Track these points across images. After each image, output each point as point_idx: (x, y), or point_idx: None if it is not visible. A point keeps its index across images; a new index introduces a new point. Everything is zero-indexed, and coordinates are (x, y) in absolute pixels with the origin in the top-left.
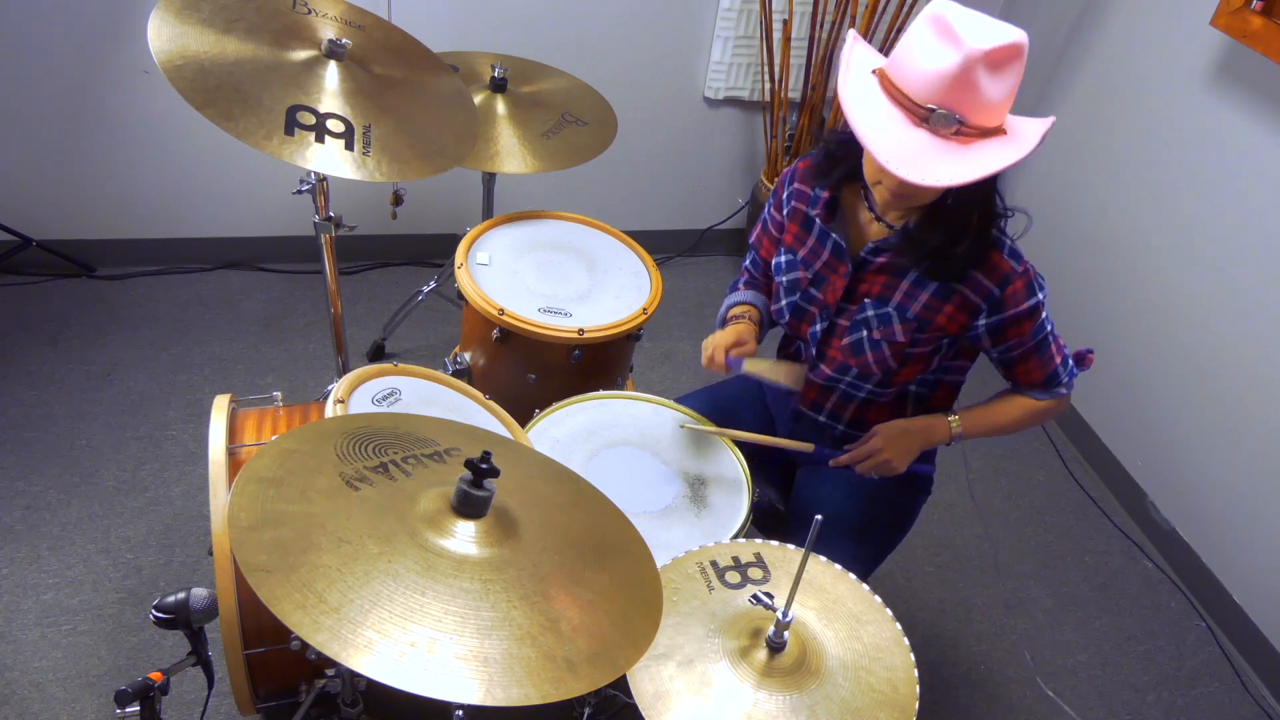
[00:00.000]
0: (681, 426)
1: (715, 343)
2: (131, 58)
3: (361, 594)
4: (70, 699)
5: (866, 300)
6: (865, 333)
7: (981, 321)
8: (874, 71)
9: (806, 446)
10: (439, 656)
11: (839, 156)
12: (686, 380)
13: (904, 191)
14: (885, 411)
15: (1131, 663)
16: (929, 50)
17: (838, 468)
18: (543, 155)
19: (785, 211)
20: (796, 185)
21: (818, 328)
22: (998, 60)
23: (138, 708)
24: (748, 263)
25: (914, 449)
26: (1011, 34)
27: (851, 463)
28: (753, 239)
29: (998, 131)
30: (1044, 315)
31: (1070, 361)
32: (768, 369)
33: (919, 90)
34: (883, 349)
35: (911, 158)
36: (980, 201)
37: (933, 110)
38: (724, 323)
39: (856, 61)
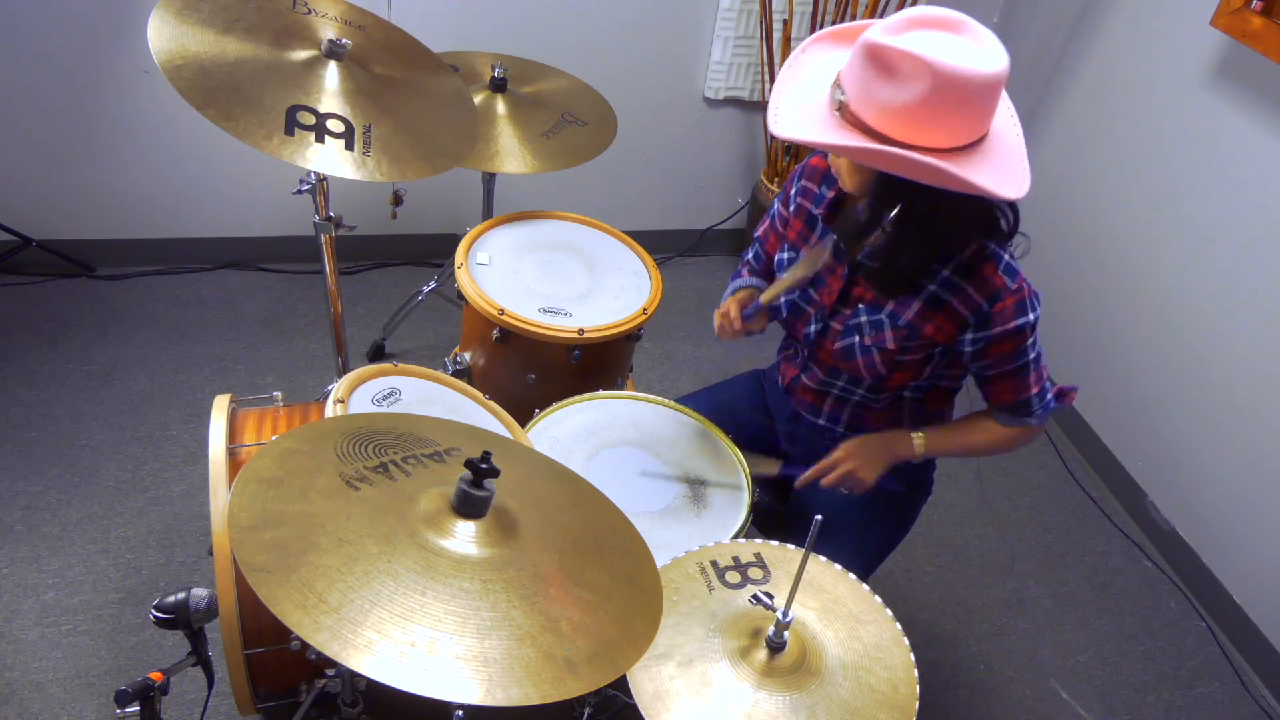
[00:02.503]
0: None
1: (724, 307)
2: (131, 58)
3: (361, 594)
4: (70, 699)
5: (861, 305)
6: (858, 338)
7: (969, 335)
8: None
9: (770, 470)
10: (439, 656)
11: None
12: (686, 380)
13: (833, 166)
14: (883, 416)
15: (1131, 663)
16: None
17: (801, 486)
18: (543, 155)
19: (792, 208)
20: (804, 182)
21: (812, 329)
22: (884, 60)
23: (138, 708)
24: (750, 255)
25: (878, 460)
26: (931, 49)
27: (816, 477)
28: (759, 233)
29: (889, 142)
30: (1031, 339)
31: (1049, 395)
32: (784, 281)
33: (845, 66)
34: (873, 355)
35: (791, 107)
36: (907, 211)
37: (837, 83)
38: None
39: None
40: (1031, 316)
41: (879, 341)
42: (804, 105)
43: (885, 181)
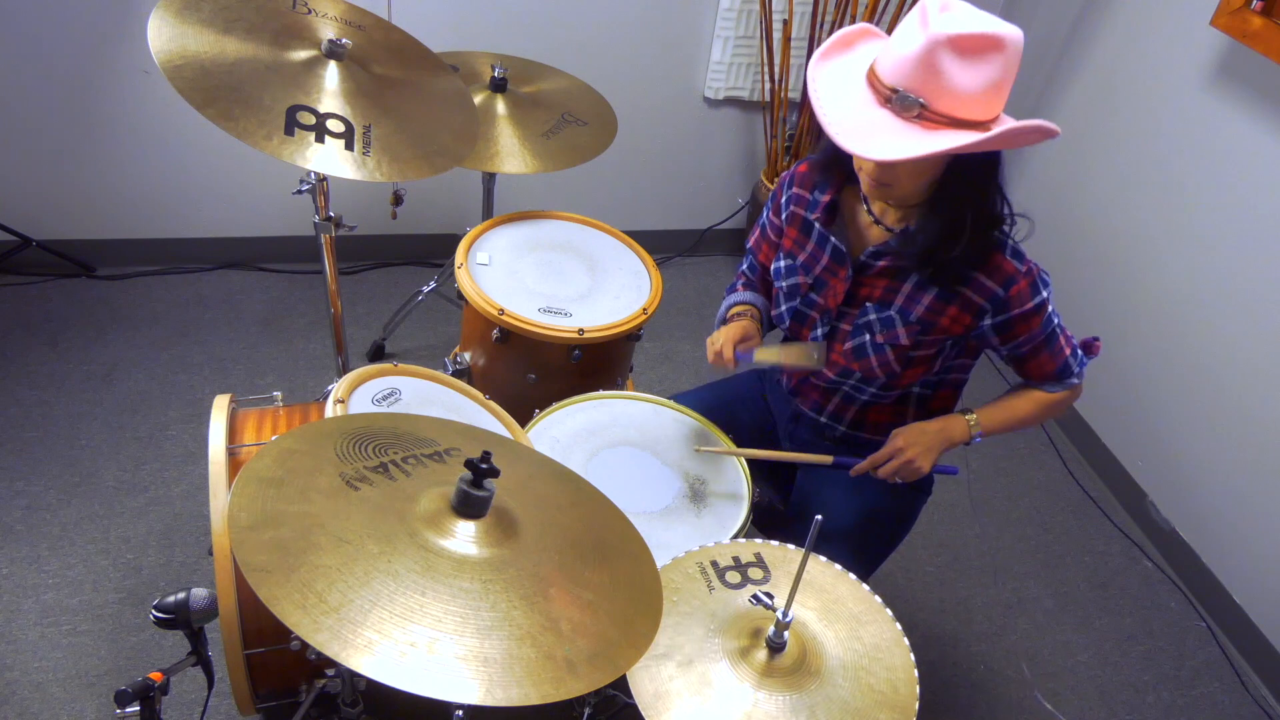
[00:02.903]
0: (697, 450)
1: (722, 338)
2: (131, 58)
3: (361, 594)
4: (70, 699)
5: (868, 304)
6: (868, 336)
7: (987, 322)
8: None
9: (825, 459)
10: (439, 656)
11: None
12: (686, 380)
13: (881, 178)
14: (886, 413)
15: (1131, 663)
16: (904, 33)
17: (857, 474)
18: (543, 155)
19: (784, 216)
20: (795, 190)
21: (819, 332)
22: (966, 47)
23: (138, 708)
24: (744, 267)
25: (935, 448)
26: (990, 25)
27: (872, 467)
28: (750, 244)
29: (975, 125)
30: (1050, 310)
31: (1079, 351)
32: (779, 354)
33: (887, 71)
34: (886, 352)
35: (861, 132)
36: (975, 203)
37: (896, 91)
38: (724, 322)
39: (866, 50)
40: (1045, 294)
41: (892, 339)
42: (868, 125)
43: (956, 174)
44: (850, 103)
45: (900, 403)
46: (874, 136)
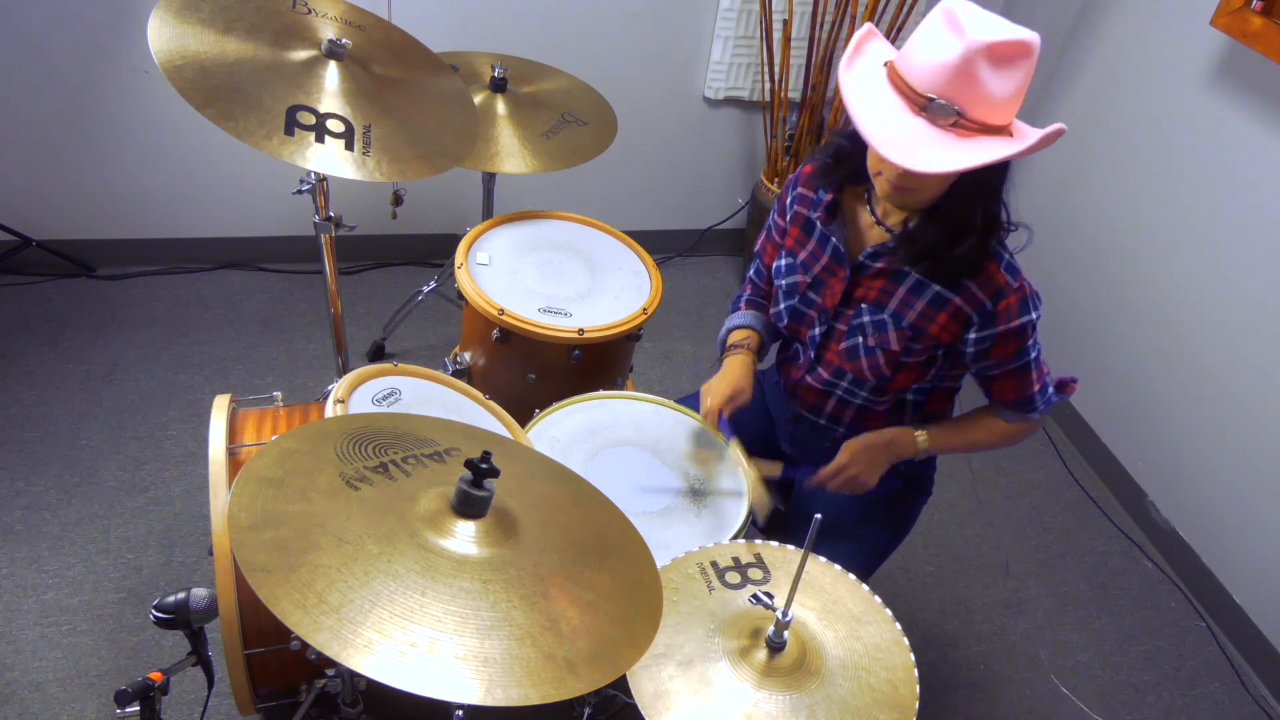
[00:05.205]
0: (675, 404)
1: (713, 402)
2: (131, 58)
3: (361, 594)
4: (70, 699)
5: (863, 305)
6: (861, 338)
7: (972, 334)
8: (885, 64)
9: (774, 470)
10: (439, 656)
11: (847, 151)
12: (686, 380)
13: (905, 184)
14: (884, 418)
15: (1131, 663)
16: (934, 40)
17: (811, 488)
18: (543, 155)
19: (788, 217)
20: (800, 190)
21: (816, 331)
22: (1002, 55)
23: (138, 708)
24: (751, 272)
25: (880, 463)
26: (1020, 32)
27: (821, 484)
28: (757, 247)
29: (1001, 131)
30: (1033, 338)
31: (1050, 389)
32: (744, 470)
33: (920, 79)
34: (877, 356)
35: (904, 143)
36: (983, 204)
37: (931, 99)
38: (723, 347)
39: (872, 52)
40: (1034, 315)
41: (883, 342)
42: (908, 135)
43: (969, 177)
44: (883, 111)
45: (897, 408)
46: (917, 147)
